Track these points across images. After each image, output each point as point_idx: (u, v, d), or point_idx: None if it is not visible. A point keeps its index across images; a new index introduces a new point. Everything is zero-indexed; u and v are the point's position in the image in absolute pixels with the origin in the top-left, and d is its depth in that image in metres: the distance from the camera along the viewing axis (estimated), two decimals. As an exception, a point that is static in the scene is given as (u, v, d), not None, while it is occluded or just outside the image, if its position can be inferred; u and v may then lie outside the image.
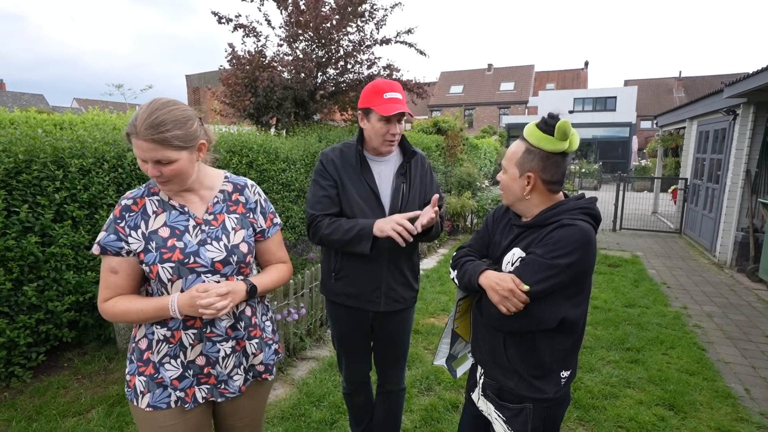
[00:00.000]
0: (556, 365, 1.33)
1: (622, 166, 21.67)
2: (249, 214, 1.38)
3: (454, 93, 36.12)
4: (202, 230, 1.27)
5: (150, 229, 1.23)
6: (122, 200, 1.25)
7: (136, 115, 1.14)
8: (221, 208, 1.33)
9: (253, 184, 1.43)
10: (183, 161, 1.19)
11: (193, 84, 21.51)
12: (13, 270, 2.67)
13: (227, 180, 1.38)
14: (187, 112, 1.20)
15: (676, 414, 2.58)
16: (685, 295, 4.80)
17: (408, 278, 1.82)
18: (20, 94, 28.80)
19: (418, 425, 2.45)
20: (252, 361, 1.37)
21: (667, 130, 11.52)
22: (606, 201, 10.31)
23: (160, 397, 1.26)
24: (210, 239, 1.27)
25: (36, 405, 2.57)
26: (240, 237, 1.32)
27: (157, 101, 1.17)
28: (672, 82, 35.06)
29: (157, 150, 1.13)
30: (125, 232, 1.22)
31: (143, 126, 1.12)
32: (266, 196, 1.47)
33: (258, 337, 1.38)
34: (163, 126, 1.13)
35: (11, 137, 2.77)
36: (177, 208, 1.27)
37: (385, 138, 1.66)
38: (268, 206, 1.45)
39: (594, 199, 1.36)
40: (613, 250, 6.87)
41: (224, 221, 1.32)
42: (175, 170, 1.18)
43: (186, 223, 1.27)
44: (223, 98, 6.85)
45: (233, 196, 1.36)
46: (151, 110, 1.14)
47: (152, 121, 1.12)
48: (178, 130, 1.15)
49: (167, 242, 1.22)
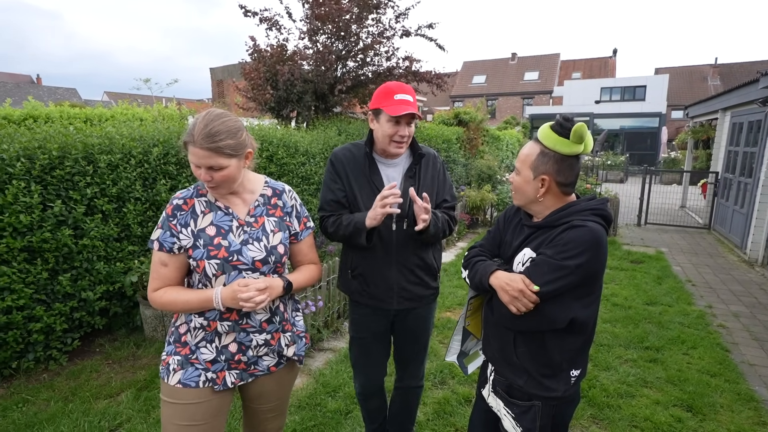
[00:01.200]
0: (566, 364, 1.34)
1: (650, 158, 20.94)
2: (286, 217, 1.48)
3: (477, 83, 35.50)
4: (244, 231, 1.38)
5: (198, 227, 1.34)
6: (173, 200, 1.37)
7: (193, 125, 1.26)
8: (262, 211, 1.44)
9: (290, 189, 1.54)
10: (232, 168, 1.30)
11: (216, 77, 21.85)
12: (49, 260, 2.84)
13: (267, 185, 1.49)
14: (238, 123, 1.32)
15: (695, 415, 2.53)
16: (710, 293, 4.66)
17: (422, 278, 1.82)
18: (55, 89, 29.91)
19: (431, 418, 2.49)
20: (286, 352, 1.48)
21: (698, 122, 11.06)
22: (631, 194, 10.03)
23: (191, 375, 1.35)
24: (251, 239, 1.38)
25: (71, 387, 2.74)
26: (278, 239, 1.43)
27: (212, 113, 1.29)
28: (707, 69, 33.44)
29: (210, 157, 1.25)
30: (177, 229, 1.33)
31: (200, 135, 1.23)
32: (302, 201, 1.57)
33: (290, 330, 1.50)
34: (218, 136, 1.24)
35: (45, 134, 2.91)
36: (222, 209, 1.38)
37: (393, 139, 1.67)
38: (303, 211, 1.55)
39: (605, 200, 1.35)
40: (636, 246, 6.70)
41: (264, 223, 1.42)
42: (225, 176, 1.29)
43: (230, 224, 1.37)
44: (245, 92, 6.96)
45: (272, 200, 1.47)
46: (207, 121, 1.25)
47: (208, 131, 1.24)
48: (230, 140, 1.27)
49: (213, 240, 1.33)
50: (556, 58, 34.72)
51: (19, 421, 2.39)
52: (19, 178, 2.67)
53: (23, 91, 25.92)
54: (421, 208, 1.58)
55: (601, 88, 26.53)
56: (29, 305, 2.76)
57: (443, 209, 1.85)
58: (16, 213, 2.63)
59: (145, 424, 2.38)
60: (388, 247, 1.73)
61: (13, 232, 2.65)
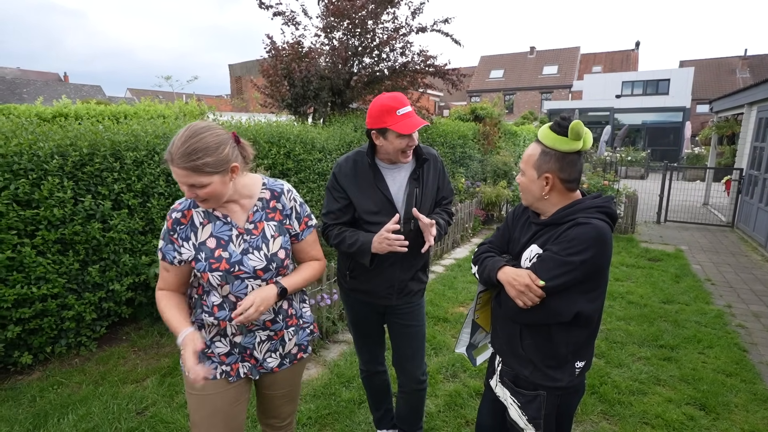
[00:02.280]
0: (572, 356, 1.39)
1: (672, 154, 20.39)
2: (285, 220, 1.47)
3: (494, 78, 35.06)
4: (244, 239, 1.39)
5: (199, 240, 1.37)
6: (172, 213, 1.38)
7: (172, 142, 1.24)
8: (261, 216, 1.43)
9: (290, 189, 1.52)
10: (215, 184, 1.27)
11: (235, 73, 22.16)
12: (80, 252, 3.00)
13: (265, 187, 1.46)
14: (220, 137, 1.27)
15: (707, 414, 2.53)
16: (730, 293, 4.58)
17: (418, 274, 1.91)
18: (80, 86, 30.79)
19: (442, 409, 2.55)
20: (288, 347, 1.53)
21: (723, 116, 10.73)
22: (651, 191, 9.82)
23: (211, 367, 1.43)
24: (252, 248, 1.39)
25: (101, 371, 2.90)
26: (278, 244, 1.43)
27: (191, 128, 1.25)
28: (735, 61, 32.22)
29: (190, 176, 1.23)
30: (179, 243, 1.37)
31: (178, 154, 1.22)
32: (302, 200, 1.54)
33: (294, 324, 1.54)
34: (195, 154, 1.22)
35: (77, 132, 3.06)
36: (221, 219, 1.39)
37: (405, 151, 1.72)
38: (304, 210, 1.53)
39: (611, 197, 1.39)
40: (655, 243, 6.59)
41: (264, 229, 1.42)
42: (209, 193, 1.28)
43: (230, 233, 1.38)
44: (263, 89, 7.08)
45: (271, 203, 1.46)
46: (185, 138, 1.23)
47: (185, 149, 1.21)
48: (209, 158, 1.23)
49: (214, 253, 1.35)
50: (576, 51, 33.98)
51: (55, 401, 2.56)
52: (53, 174, 2.82)
53: (51, 89, 26.79)
54: (427, 226, 1.66)
55: (623, 81, 25.90)
56: (62, 294, 2.92)
57: (443, 206, 1.94)
58: (51, 207, 2.79)
59: (169, 408, 2.51)
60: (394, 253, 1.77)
61: (48, 225, 2.81)
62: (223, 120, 4.44)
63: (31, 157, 2.75)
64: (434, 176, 1.88)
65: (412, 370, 1.99)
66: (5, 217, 2.61)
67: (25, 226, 2.73)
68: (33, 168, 2.75)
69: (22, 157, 2.71)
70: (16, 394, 2.64)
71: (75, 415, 2.43)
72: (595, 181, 7.10)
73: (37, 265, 2.75)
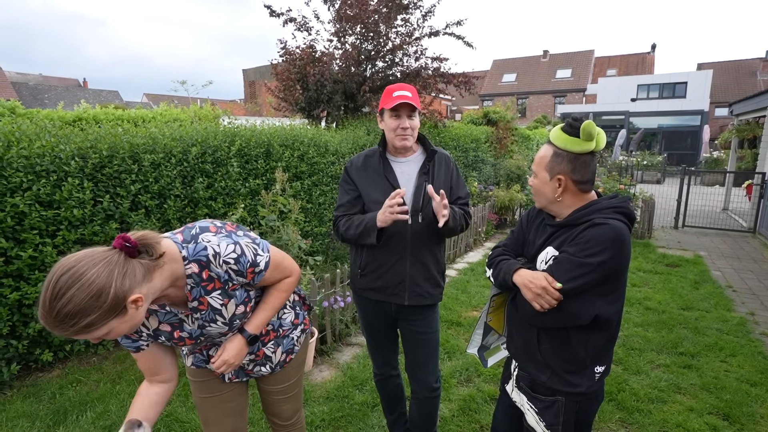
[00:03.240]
0: (590, 361, 1.36)
1: (690, 158, 19.98)
2: (227, 285, 1.24)
3: (507, 81, 34.88)
4: (195, 318, 1.25)
5: (152, 327, 1.26)
6: None
7: (40, 301, 0.94)
8: (198, 291, 1.21)
9: (215, 253, 1.18)
10: (117, 327, 1.01)
11: (249, 78, 22.48)
12: (98, 252, 3.05)
13: (187, 261, 1.17)
14: (96, 282, 0.94)
15: (731, 425, 2.45)
16: (753, 300, 4.45)
17: (433, 274, 1.87)
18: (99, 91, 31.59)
19: (456, 414, 2.53)
20: (275, 359, 1.51)
21: (744, 119, 10.48)
22: (669, 196, 9.63)
23: (198, 359, 1.46)
24: (207, 322, 1.26)
25: (118, 370, 2.94)
26: (232, 307, 1.28)
27: (54, 284, 0.92)
28: (756, 63, 31.48)
29: (80, 336, 0.97)
30: (135, 336, 1.25)
31: (49, 323, 0.94)
32: (240, 250, 1.22)
33: (273, 338, 1.50)
34: (70, 320, 0.93)
35: (96, 135, 3.13)
36: (161, 310, 1.23)
37: (396, 132, 1.76)
38: (243, 263, 1.22)
39: (627, 198, 1.37)
40: (673, 249, 6.45)
41: (209, 303, 1.24)
42: (115, 335, 1.04)
43: (178, 317, 1.25)
44: (277, 93, 7.17)
45: (204, 274, 1.19)
46: (50, 301, 0.92)
47: (56, 316, 0.92)
48: (90, 316, 0.95)
49: (173, 334, 1.27)
50: (590, 54, 33.63)
51: (74, 398, 2.60)
52: (73, 175, 2.88)
53: (71, 94, 27.53)
54: (440, 204, 1.64)
55: (638, 85, 25.50)
56: (81, 293, 2.98)
57: (458, 205, 1.92)
58: (71, 208, 2.85)
59: (184, 408, 2.53)
60: (403, 241, 1.79)
61: (68, 226, 2.87)
62: (238, 123, 4.49)
63: (53, 159, 2.82)
64: (446, 175, 1.87)
65: (425, 377, 1.97)
66: (28, 217, 2.68)
67: (47, 226, 2.79)
68: (54, 169, 2.82)
69: (44, 159, 2.78)
70: (37, 390, 2.69)
71: (93, 413, 2.47)
72: (610, 185, 7.00)
73: (57, 264, 2.81)
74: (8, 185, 2.61)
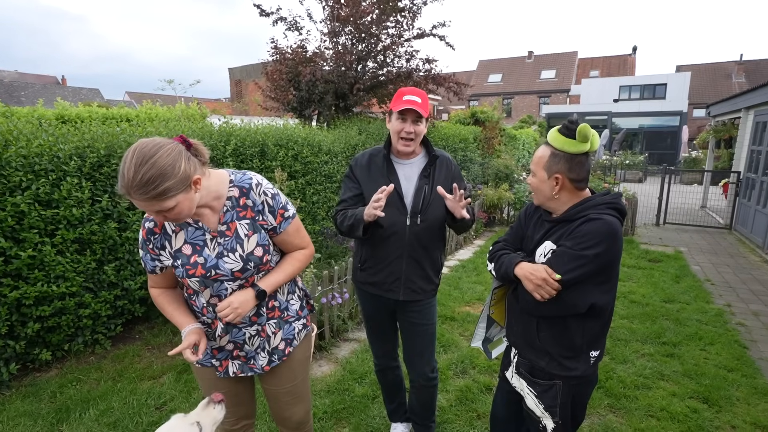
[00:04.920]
0: (587, 346, 1.46)
1: (670, 157, 20.57)
2: (258, 216, 1.39)
3: (493, 82, 35.29)
4: (218, 243, 1.35)
5: (175, 248, 1.35)
6: (145, 222, 1.35)
7: (122, 173, 1.11)
8: (232, 215, 1.36)
9: (259, 182, 1.40)
10: (181, 203, 1.19)
11: (235, 77, 22.27)
12: (96, 251, 3.06)
13: (233, 184, 1.37)
14: (172, 155, 1.15)
15: (710, 407, 2.61)
16: (730, 292, 4.67)
17: (427, 272, 1.94)
18: (79, 89, 30.80)
19: (453, 404, 2.62)
20: (273, 342, 1.51)
21: (721, 120, 10.88)
22: (650, 194, 9.94)
23: (205, 358, 1.50)
24: (226, 251, 1.34)
25: (118, 369, 2.96)
26: (254, 243, 1.37)
27: (139, 153, 1.11)
28: (731, 66, 32.54)
29: (153, 205, 1.14)
30: (156, 253, 1.35)
31: (133, 188, 1.10)
32: (276, 191, 1.44)
33: (276, 317, 1.51)
34: (152, 183, 1.10)
35: (94, 134, 3.13)
36: (192, 224, 1.35)
37: (400, 135, 1.82)
38: (278, 202, 1.42)
39: (619, 194, 1.48)
40: (654, 245, 6.69)
41: (236, 229, 1.36)
42: (177, 212, 1.20)
43: (204, 237, 1.35)
44: (268, 92, 7.17)
45: (241, 201, 1.37)
46: (136, 167, 1.10)
47: (140, 180, 1.09)
48: (168, 182, 1.12)
49: (190, 259, 1.33)
50: (574, 56, 34.27)
51: (75, 397, 2.62)
52: (72, 174, 2.89)
53: (50, 92, 26.81)
54: (455, 201, 1.72)
55: (620, 86, 26.11)
56: (79, 292, 2.98)
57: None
58: (70, 207, 2.85)
59: (188, 404, 2.57)
60: (401, 241, 1.86)
61: (67, 225, 2.87)
62: (233, 123, 4.51)
63: (51, 158, 2.82)
64: (447, 177, 1.95)
65: (422, 367, 2.06)
66: (27, 216, 2.67)
67: (46, 226, 2.79)
68: (53, 169, 2.82)
69: (42, 158, 2.78)
70: (36, 390, 2.70)
71: (96, 410, 2.49)
72: (595, 183, 7.22)
73: (56, 263, 2.82)
74: (8, 184, 2.61)
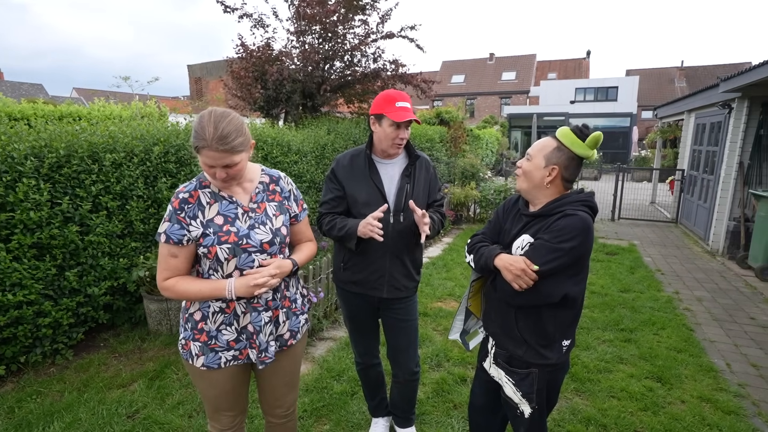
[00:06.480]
0: (559, 335, 1.56)
1: (622, 156, 21.80)
2: (285, 201, 1.60)
3: (456, 83, 36.02)
4: (249, 216, 1.49)
5: (207, 218, 1.43)
6: (179, 194, 1.43)
7: (202, 128, 1.31)
8: (262, 197, 1.54)
9: (285, 175, 1.66)
10: (243, 161, 1.41)
11: (194, 74, 21.45)
12: (57, 257, 2.91)
13: (264, 172, 1.60)
14: (239, 118, 1.39)
15: (663, 385, 2.84)
16: (677, 281, 5.06)
17: (410, 270, 2.01)
18: (19, 84, 28.65)
19: (430, 396, 2.70)
20: (281, 330, 1.58)
21: (666, 122, 11.69)
22: (605, 191, 10.53)
23: (213, 359, 1.50)
24: (257, 224, 1.49)
25: (82, 379, 2.82)
26: (280, 221, 1.55)
27: (216, 114, 1.35)
28: (674, 71, 34.96)
29: (226, 157, 1.34)
30: (186, 222, 1.41)
31: (214, 139, 1.30)
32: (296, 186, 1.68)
33: (287, 307, 1.60)
34: (229, 137, 1.32)
35: (51, 134, 2.97)
36: (227, 199, 1.47)
37: (395, 141, 1.87)
38: (299, 194, 1.69)
39: (592, 193, 1.59)
40: (611, 239, 7.11)
41: (266, 208, 1.54)
42: (238, 170, 1.40)
43: (236, 211, 1.47)
44: (233, 91, 7.00)
45: (270, 186, 1.58)
46: (216, 123, 1.32)
47: (221, 133, 1.31)
48: (240, 138, 1.36)
49: (223, 227, 1.43)
50: (533, 58, 35.59)
51: (36, 411, 2.47)
52: (28, 176, 2.73)
53: (-14, 87, 24.78)
54: (421, 219, 1.79)
55: (576, 88, 27.42)
56: (38, 300, 2.82)
57: (435, 207, 2.07)
58: (27, 210, 2.69)
59: (162, 410, 2.50)
60: (384, 239, 1.89)
61: (23, 229, 2.71)
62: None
63: (4, 159, 2.65)
64: (426, 178, 2.01)
65: (406, 362, 2.12)
66: (-21, 221, 2.51)
67: (0, 231, 2.63)
68: (7, 170, 2.65)
69: (-5, 159, 2.61)
70: (-9, 405, 2.53)
71: (62, 422, 2.37)
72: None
73: (12, 270, 2.65)
74: (-44, 187, 2.43)
